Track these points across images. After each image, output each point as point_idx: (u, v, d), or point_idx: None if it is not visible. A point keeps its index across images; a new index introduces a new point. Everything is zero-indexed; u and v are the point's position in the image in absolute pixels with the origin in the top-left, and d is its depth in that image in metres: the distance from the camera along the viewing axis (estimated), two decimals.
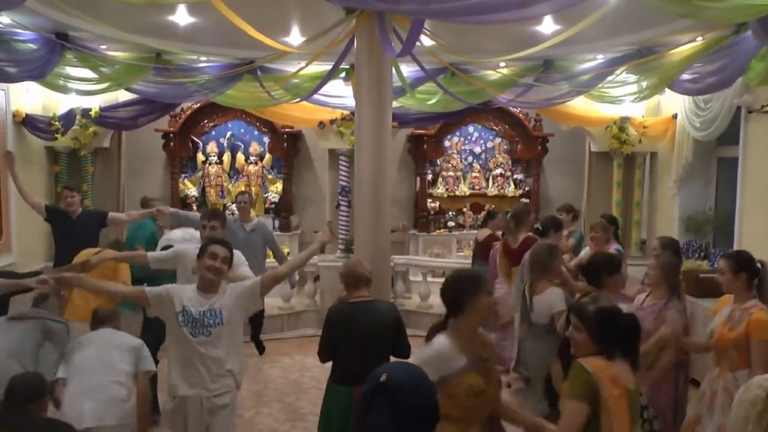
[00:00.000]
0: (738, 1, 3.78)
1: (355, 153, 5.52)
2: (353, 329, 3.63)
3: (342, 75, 7.61)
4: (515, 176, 9.66)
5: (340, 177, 8.84)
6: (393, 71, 5.72)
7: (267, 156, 9.48)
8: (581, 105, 8.16)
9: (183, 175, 9.26)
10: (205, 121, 9.24)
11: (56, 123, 7.61)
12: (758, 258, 3.82)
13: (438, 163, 9.65)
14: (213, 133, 9.37)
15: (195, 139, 9.28)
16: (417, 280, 8.45)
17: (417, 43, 4.74)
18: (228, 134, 9.39)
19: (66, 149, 7.98)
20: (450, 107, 8.01)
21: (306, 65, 6.76)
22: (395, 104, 7.05)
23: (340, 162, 8.84)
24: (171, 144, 8.95)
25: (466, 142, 9.69)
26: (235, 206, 7.49)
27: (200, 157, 9.34)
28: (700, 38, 6.07)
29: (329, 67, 6.45)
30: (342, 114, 8.43)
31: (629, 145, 8.33)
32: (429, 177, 9.58)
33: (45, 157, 7.95)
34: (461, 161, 9.70)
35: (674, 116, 8.01)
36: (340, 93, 8.02)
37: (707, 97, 6.92)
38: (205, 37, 6.87)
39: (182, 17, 6.16)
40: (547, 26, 6.21)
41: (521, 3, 3.78)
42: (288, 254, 8.34)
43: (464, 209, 9.68)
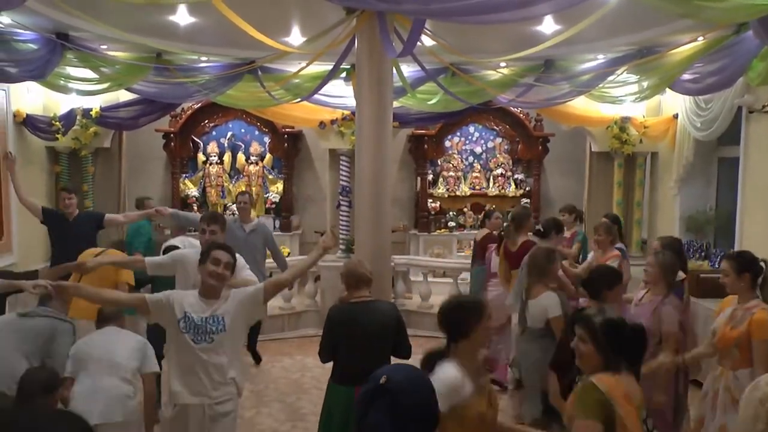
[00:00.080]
0: (738, 1, 3.78)
1: (356, 153, 5.51)
2: (354, 329, 3.64)
3: (343, 75, 7.60)
4: (516, 176, 9.66)
5: (341, 177, 8.84)
6: (393, 71, 5.71)
7: (268, 156, 9.48)
8: (582, 105, 8.15)
9: (184, 175, 9.26)
10: (206, 121, 9.24)
11: (57, 123, 7.60)
12: (760, 258, 3.81)
13: (439, 163, 9.66)
14: (213, 133, 9.38)
15: (196, 139, 9.28)
16: (418, 280, 8.46)
17: (418, 43, 4.74)
18: (228, 134, 9.39)
19: (67, 149, 7.97)
20: (450, 107, 8.00)
21: (307, 65, 6.76)
22: (396, 104, 7.04)
23: (341, 162, 8.84)
24: (172, 144, 8.95)
25: (467, 142, 9.69)
26: (236, 206, 7.49)
27: (201, 157, 9.34)
28: (701, 38, 6.07)
29: (330, 67, 6.44)
30: (343, 114, 8.43)
31: (630, 145, 8.33)
32: (430, 177, 9.58)
33: (45, 158, 7.95)
34: (462, 161, 9.70)
35: (675, 116, 8.00)
36: (341, 93, 8.02)
37: (708, 97, 6.91)
38: (206, 37, 6.87)
39: (183, 17, 6.16)
40: (548, 26, 6.20)
41: (522, 3, 3.78)
42: (288, 255, 8.35)
43: (465, 209, 9.68)
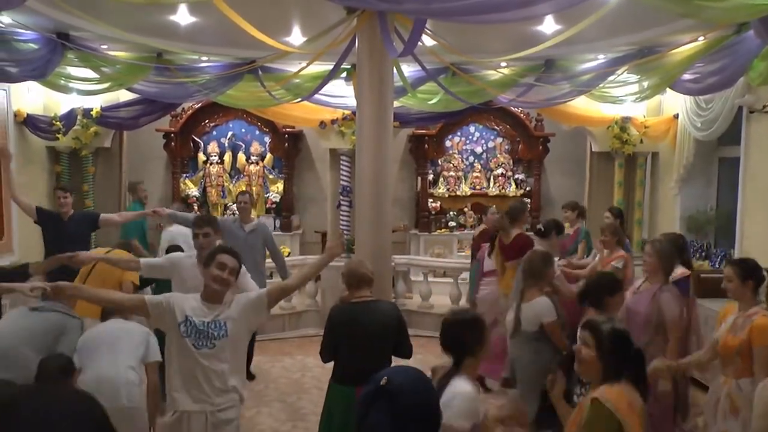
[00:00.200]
0: (739, 1, 3.78)
1: (357, 153, 5.51)
2: (355, 329, 3.63)
3: (343, 75, 7.60)
4: (516, 176, 9.66)
5: (341, 177, 8.83)
6: (394, 71, 5.71)
7: (268, 156, 9.48)
8: (582, 105, 8.15)
9: (184, 175, 9.27)
10: (206, 121, 9.25)
11: (57, 123, 7.60)
12: (759, 258, 3.83)
13: (439, 163, 9.66)
14: (214, 133, 9.38)
15: (196, 139, 9.29)
16: (418, 280, 8.46)
17: (418, 43, 4.74)
18: (229, 134, 9.40)
19: (67, 149, 7.97)
20: (451, 107, 8.00)
21: (307, 65, 6.75)
22: (396, 104, 7.04)
23: (341, 162, 8.83)
24: (172, 144, 8.96)
25: (468, 142, 9.69)
26: (236, 206, 7.48)
27: (201, 157, 9.34)
28: (702, 38, 6.07)
29: (330, 67, 6.44)
30: (343, 114, 8.42)
31: (630, 145, 8.33)
32: (430, 177, 9.58)
33: (46, 157, 7.95)
34: (462, 161, 9.71)
35: (675, 116, 8.00)
36: (341, 93, 8.01)
37: (708, 97, 6.91)
38: (206, 37, 6.87)
39: (183, 17, 6.16)
40: (548, 26, 6.20)
41: (522, 3, 3.78)
42: (288, 255, 8.35)
43: (465, 209, 9.68)
